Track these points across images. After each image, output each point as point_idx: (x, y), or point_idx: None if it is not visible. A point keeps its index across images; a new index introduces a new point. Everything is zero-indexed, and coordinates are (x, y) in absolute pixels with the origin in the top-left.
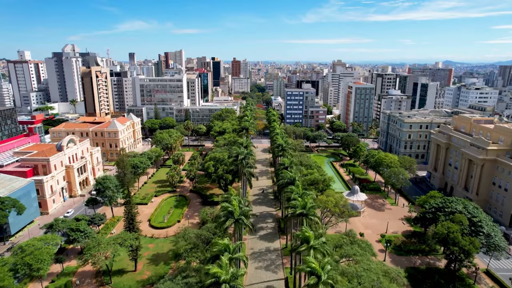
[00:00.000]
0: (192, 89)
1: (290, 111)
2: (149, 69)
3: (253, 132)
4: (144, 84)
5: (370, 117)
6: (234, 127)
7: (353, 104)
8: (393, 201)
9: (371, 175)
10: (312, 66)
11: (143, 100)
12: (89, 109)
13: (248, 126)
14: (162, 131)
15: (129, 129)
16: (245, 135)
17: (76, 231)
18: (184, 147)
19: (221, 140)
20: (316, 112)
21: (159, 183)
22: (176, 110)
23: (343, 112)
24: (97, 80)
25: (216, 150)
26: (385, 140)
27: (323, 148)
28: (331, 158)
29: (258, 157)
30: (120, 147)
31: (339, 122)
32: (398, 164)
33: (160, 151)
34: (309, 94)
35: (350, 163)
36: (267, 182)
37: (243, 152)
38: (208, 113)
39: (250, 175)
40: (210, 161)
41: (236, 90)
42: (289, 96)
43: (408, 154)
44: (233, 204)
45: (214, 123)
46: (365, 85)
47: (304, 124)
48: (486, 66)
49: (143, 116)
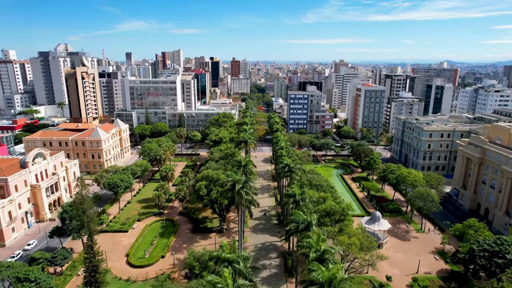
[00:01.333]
0: (188, 91)
1: (293, 115)
2: (145, 69)
3: (253, 145)
4: (134, 87)
5: (380, 122)
6: (231, 136)
7: (362, 108)
8: (418, 227)
9: (388, 192)
10: (313, 66)
11: (133, 103)
12: (74, 113)
13: (247, 138)
14: (151, 140)
15: (115, 137)
16: (243, 148)
17: (24, 282)
18: (177, 156)
19: (216, 152)
20: (322, 117)
21: (144, 203)
22: (169, 114)
23: (351, 116)
24: (83, 81)
25: (210, 166)
26: (399, 149)
27: (331, 158)
28: (340, 170)
29: (258, 168)
30: (104, 158)
31: (347, 128)
32: (424, 182)
33: (147, 165)
34: (314, 97)
35: (363, 177)
36: (269, 201)
37: (241, 180)
38: (204, 118)
39: (249, 203)
40: (202, 181)
41: (235, 91)
42: (292, 99)
43: (427, 166)
44: (224, 278)
45: (210, 129)
46: (375, 87)
47: (308, 130)
48: (486, 66)
49: (133, 121)
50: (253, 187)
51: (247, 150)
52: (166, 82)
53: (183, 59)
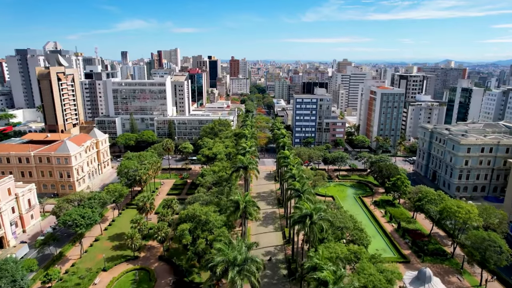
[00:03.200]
0: (181, 94)
1: (300, 122)
2: (140, 68)
3: (254, 171)
4: (118, 89)
5: (398, 130)
6: (228, 150)
7: (377, 114)
8: (476, 282)
9: (421, 222)
10: (314, 65)
11: (117, 108)
12: (49, 119)
13: (246, 163)
14: (132, 155)
15: (90, 151)
16: (242, 175)
17: None
18: (165, 172)
19: (208, 176)
20: (332, 125)
21: (117, 240)
22: (157, 121)
23: (363, 122)
24: (59, 83)
25: (199, 197)
26: (425, 163)
27: (345, 173)
28: (357, 190)
29: (259, 187)
30: (74, 178)
31: (361, 137)
32: (481, 221)
33: (122, 189)
34: (324, 102)
35: (387, 200)
36: (274, 238)
37: (238, 259)
38: (198, 124)
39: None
40: (186, 223)
41: (235, 91)
42: (299, 104)
43: (463, 186)
44: None
45: (203, 140)
46: (392, 90)
47: (317, 139)
48: (487, 65)
49: (116, 128)
50: (257, 263)
51: (247, 179)
52: (154, 84)
53: (181, 58)
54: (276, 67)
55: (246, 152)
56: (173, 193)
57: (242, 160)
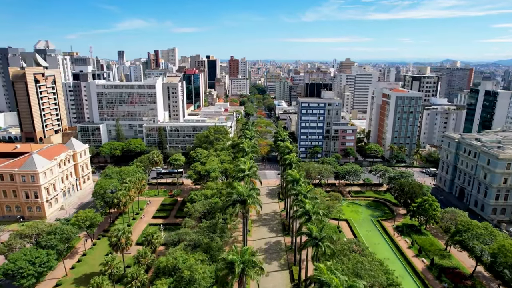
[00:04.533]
0: (174, 97)
1: (305, 129)
2: (136, 68)
3: (255, 207)
4: (102, 92)
5: (414, 137)
6: (224, 166)
7: (391, 120)
8: None
9: (457, 256)
10: (314, 65)
11: (102, 113)
12: (25, 126)
13: (245, 196)
14: (113, 170)
15: (65, 165)
16: (240, 210)
17: None
18: (152, 187)
19: (198, 204)
20: (342, 132)
21: (85, 286)
22: (146, 128)
23: (375, 128)
24: (37, 85)
25: (184, 235)
26: (450, 177)
27: (358, 188)
28: (374, 210)
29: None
30: (43, 198)
31: (374, 146)
32: None
33: (95, 216)
34: (332, 106)
35: (411, 225)
36: (280, 282)
37: None
38: (192, 132)
39: None
40: (165, 279)
41: (234, 92)
42: (304, 109)
43: (500, 208)
44: None
45: (196, 152)
46: (409, 94)
47: (325, 148)
48: (488, 65)
49: (101, 136)
50: None
51: (246, 216)
52: (143, 87)
53: (179, 58)
54: (277, 67)
55: (245, 176)
56: (160, 215)
57: (239, 192)
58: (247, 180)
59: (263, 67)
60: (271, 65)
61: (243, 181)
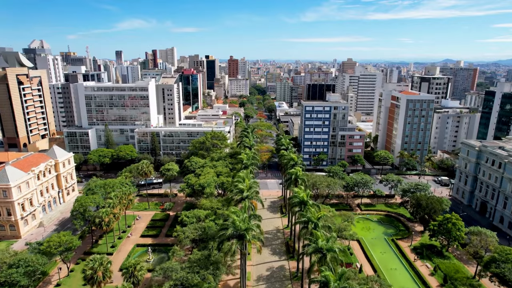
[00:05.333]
0: (170, 99)
1: (309, 135)
2: (134, 68)
3: (256, 242)
4: (91, 95)
5: (426, 143)
6: (220, 180)
7: (401, 124)
8: None
9: (488, 285)
10: (315, 65)
11: (91, 117)
12: (7, 131)
13: (242, 229)
14: (96, 183)
15: (45, 176)
16: (237, 246)
17: None
18: (143, 199)
19: (189, 227)
20: (349, 138)
21: None
22: (138, 133)
23: (383, 133)
24: (20, 87)
25: (170, 271)
26: (469, 189)
27: (368, 200)
28: (388, 227)
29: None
30: (17, 215)
31: (384, 153)
32: None
33: (72, 240)
34: (339, 110)
35: (431, 245)
36: None
37: None
38: (187, 137)
39: None
40: None
41: (233, 93)
42: (308, 113)
43: None
44: None
45: (191, 161)
46: (419, 96)
47: (330, 155)
48: (488, 65)
49: (90, 142)
50: None
51: (244, 254)
52: (135, 89)
53: (178, 57)
54: (277, 67)
55: (244, 200)
56: (149, 233)
57: (236, 224)
58: (245, 205)
59: (263, 67)
60: (271, 65)
61: (242, 204)
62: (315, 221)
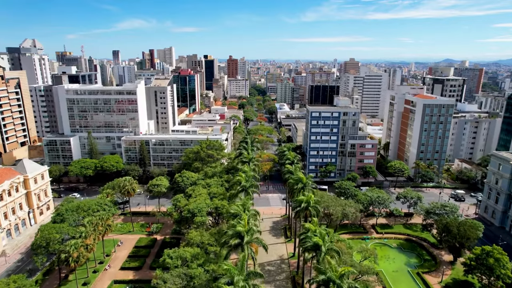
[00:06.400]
0: (163, 102)
1: (315, 144)
2: (130, 69)
3: None
4: (73, 99)
5: (444, 152)
6: (214, 204)
7: (417, 131)
8: None
9: None
10: (316, 65)
11: (74, 124)
12: None
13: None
14: (68, 206)
15: (11, 196)
16: None
17: None
18: (127, 220)
19: (171, 280)
20: (360, 147)
21: None
22: (126, 141)
23: (395, 140)
24: None
25: None
26: (502, 209)
27: (384, 221)
28: (410, 256)
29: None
30: None
31: (398, 163)
32: None
33: (25, 285)
34: (348, 116)
35: (464, 280)
36: None
37: None
38: (180, 146)
39: None
40: None
41: (232, 93)
42: (315, 119)
43: None
44: None
45: (183, 176)
46: (437, 100)
47: (339, 166)
48: (489, 65)
49: (72, 151)
50: None
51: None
52: (122, 93)
53: (176, 57)
54: (277, 66)
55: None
56: (131, 265)
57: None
58: (243, 257)
59: (263, 67)
60: (271, 65)
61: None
62: (337, 282)
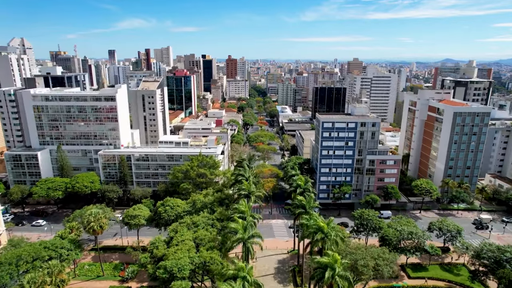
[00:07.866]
0: (151, 108)
1: (327, 159)
2: (126, 69)
3: None
4: (42, 106)
5: (477, 168)
6: (200, 258)
7: (445, 144)
8: None
9: None
10: (317, 65)
11: (42, 135)
12: None
13: None
14: (9, 255)
15: None
16: None
17: None
18: (96, 259)
19: None
20: (380, 164)
21: None
22: (103, 156)
23: (416, 153)
24: None
25: None
26: None
27: (416, 260)
28: None
29: None
30: None
31: (425, 183)
32: None
33: None
34: (367, 127)
35: None
36: None
37: None
38: (167, 162)
39: None
40: None
41: (232, 95)
42: (327, 131)
43: None
44: None
45: (166, 205)
46: (470, 108)
47: (355, 186)
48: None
49: (40, 168)
50: None
51: None
52: (99, 99)
53: (174, 57)
54: (277, 66)
55: None
56: None
57: None
58: None
59: (263, 67)
60: (271, 65)
61: None
62: None
